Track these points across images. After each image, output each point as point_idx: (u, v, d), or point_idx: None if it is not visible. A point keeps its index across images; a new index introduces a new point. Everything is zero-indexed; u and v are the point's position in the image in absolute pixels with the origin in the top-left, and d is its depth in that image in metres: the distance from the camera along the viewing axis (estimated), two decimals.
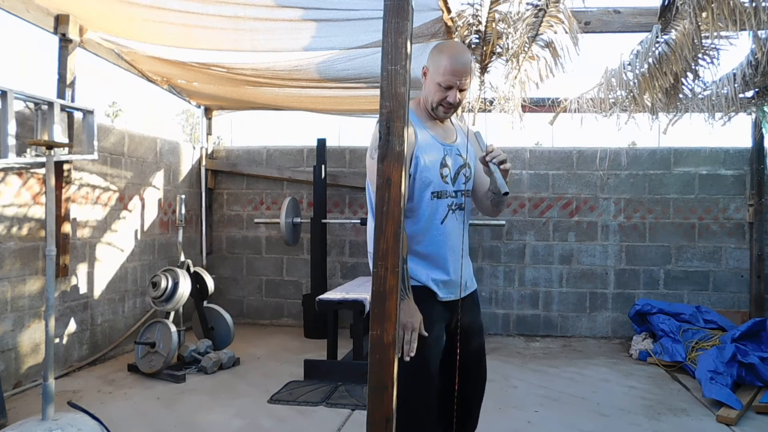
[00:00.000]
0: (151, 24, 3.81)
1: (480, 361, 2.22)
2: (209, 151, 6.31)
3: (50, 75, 4.06)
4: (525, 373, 4.43)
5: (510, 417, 3.41)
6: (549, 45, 3.56)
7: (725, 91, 3.83)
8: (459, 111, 5.21)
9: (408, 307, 1.94)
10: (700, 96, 3.97)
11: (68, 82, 4.03)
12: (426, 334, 1.96)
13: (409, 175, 2.05)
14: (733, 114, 4.40)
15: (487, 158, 1.93)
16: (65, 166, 4.05)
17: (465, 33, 3.57)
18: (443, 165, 2.09)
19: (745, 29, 2.85)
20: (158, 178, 5.43)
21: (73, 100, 4.05)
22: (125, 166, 4.91)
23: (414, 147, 2.06)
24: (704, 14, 2.80)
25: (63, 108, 3.90)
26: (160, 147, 5.45)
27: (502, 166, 1.93)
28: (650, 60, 3.40)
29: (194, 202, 6.09)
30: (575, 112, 4.41)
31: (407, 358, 1.91)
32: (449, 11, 3.28)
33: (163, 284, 4.18)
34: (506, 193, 1.94)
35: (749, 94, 4.30)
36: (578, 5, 3.14)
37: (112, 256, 4.74)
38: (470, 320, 2.17)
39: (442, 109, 2.12)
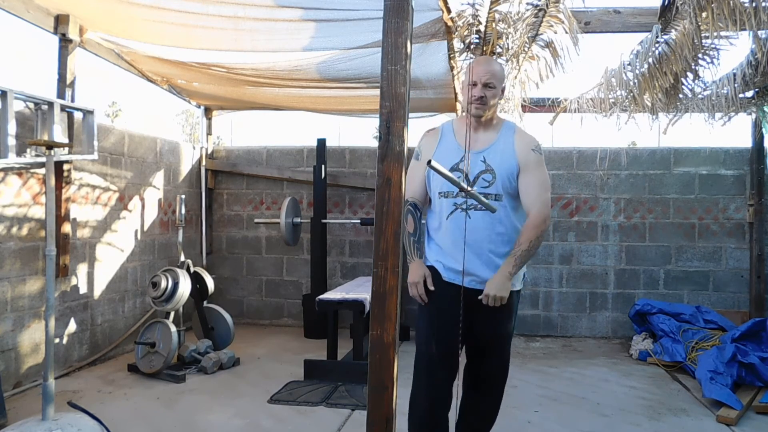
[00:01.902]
0: (151, 24, 3.81)
1: (491, 348, 2.42)
2: (209, 151, 6.31)
3: (50, 75, 4.06)
4: (525, 373, 4.43)
5: (510, 417, 3.41)
6: (549, 45, 3.56)
7: (725, 91, 3.83)
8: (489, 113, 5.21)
9: (411, 268, 2.34)
10: (700, 96, 3.97)
11: (68, 82, 4.03)
12: (432, 288, 2.31)
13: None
14: (733, 114, 4.40)
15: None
16: (65, 166, 4.04)
17: (465, 33, 3.57)
18: (454, 169, 2.33)
19: (745, 29, 2.85)
20: (158, 178, 5.43)
21: (73, 100, 4.05)
22: (125, 166, 4.91)
23: (433, 153, 2.39)
24: (704, 14, 2.80)
25: (63, 108, 3.90)
26: (160, 147, 5.45)
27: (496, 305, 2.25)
28: (650, 60, 3.40)
29: (194, 202, 6.08)
30: (575, 112, 4.41)
31: (423, 304, 2.34)
32: (449, 11, 3.27)
33: (163, 284, 4.18)
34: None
35: (749, 94, 4.30)
36: (578, 5, 3.14)
37: (112, 256, 4.74)
38: (485, 314, 2.32)
39: (473, 107, 2.33)
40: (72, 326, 4.26)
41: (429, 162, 1.98)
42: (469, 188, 2.09)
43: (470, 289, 2.28)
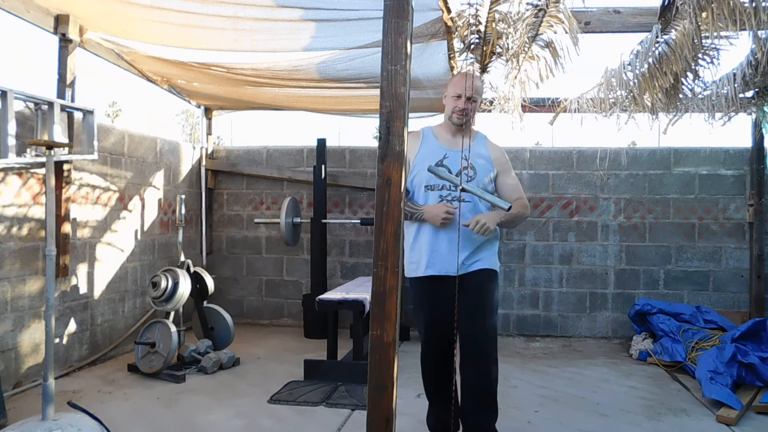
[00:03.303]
0: (151, 24, 3.81)
1: (476, 318, 2.59)
2: (209, 151, 6.31)
3: (50, 75, 4.06)
4: (525, 373, 4.43)
5: (510, 417, 3.41)
6: (549, 45, 3.55)
7: (725, 91, 3.83)
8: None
9: (427, 214, 2.53)
10: (700, 96, 3.96)
11: (68, 82, 4.03)
12: (454, 208, 2.50)
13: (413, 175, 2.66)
14: (733, 114, 4.39)
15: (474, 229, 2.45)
16: (65, 166, 4.04)
17: (465, 33, 3.57)
18: (439, 164, 2.58)
19: (745, 29, 2.85)
20: (158, 178, 5.43)
21: (73, 100, 4.04)
22: (125, 166, 4.91)
23: (416, 153, 2.65)
24: (704, 14, 2.80)
25: (63, 108, 3.90)
26: (160, 147, 5.45)
27: (480, 233, 2.45)
28: (650, 60, 3.40)
29: (194, 202, 6.08)
30: (575, 112, 4.40)
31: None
32: (449, 11, 3.27)
33: (163, 284, 4.18)
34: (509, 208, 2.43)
35: (749, 94, 4.30)
36: (578, 5, 3.14)
37: (112, 256, 4.74)
38: (470, 286, 2.57)
39: (456, 116, 2.63)
40: (72, 326, 4.26)
41: (429, 168, 2.38)
42: (476, 191, 2.44)
43: (454, 275, 2.54)
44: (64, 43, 4.01)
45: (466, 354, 2.65)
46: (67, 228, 4.09)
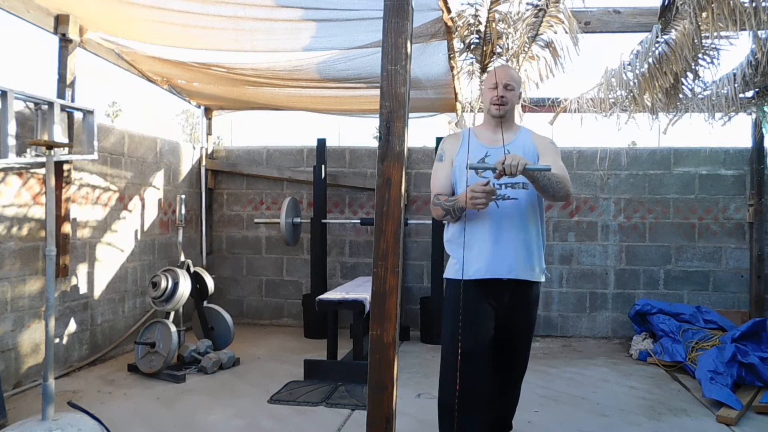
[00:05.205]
0: (151, 24, 3.81)
1: (520, 334, 2.60)
2: (209, 151, 6.31)
3: (50, 75, 4.06)
4: (525, 372, 4.42)
5: None
6: (549, 45, 3.56)
7: (725, 91, 3.83)
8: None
9: (462, 198, 2.31)
10: (700, 96, 3.97)
11: (68, 82, 4.03)
12: (492, 188, 2.27)
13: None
14: (733, 114, 4.39)
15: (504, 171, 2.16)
16: (65, 166, 4.04)
17: (465, 33, 3.57)
18: (480, 163, 2.44)
19: (745, 29, 2.86)
20: (158, 178, 5.43)
21: (73, 100, 4.04)
22: (125, 166, 4.91)
23: (456, 153, 2.54)
24: (704, 14, 2.80)
25: (63, 108, 3.90)
26: (160, 147, 5.45)
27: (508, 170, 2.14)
28: (650, 60, 3.40)
29: (194, 202, 6.08)
30: (575, 112, 4.41)
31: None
32: (449, 11, 3.27)
33: (163, 284, 4.18)
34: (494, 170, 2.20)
35: (749, 94, 4.30)
36: (578, 5, 3.15)
37: (112, 256, 4.74)
38: (513, 303, 2.49)
39: (494, 108, 2.49)
40: (72, 326, 4.26)
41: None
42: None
43: (503, 280, 2.42)
44: (64, 43, 4.01)
45: (498, 375, 2.68)
46: (67, 228, 4.09)
